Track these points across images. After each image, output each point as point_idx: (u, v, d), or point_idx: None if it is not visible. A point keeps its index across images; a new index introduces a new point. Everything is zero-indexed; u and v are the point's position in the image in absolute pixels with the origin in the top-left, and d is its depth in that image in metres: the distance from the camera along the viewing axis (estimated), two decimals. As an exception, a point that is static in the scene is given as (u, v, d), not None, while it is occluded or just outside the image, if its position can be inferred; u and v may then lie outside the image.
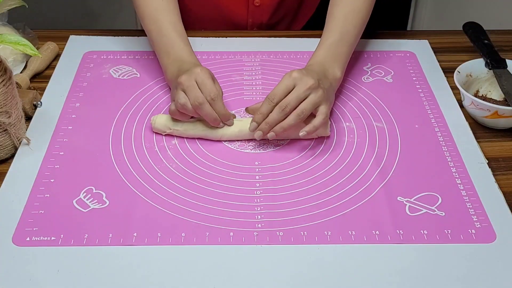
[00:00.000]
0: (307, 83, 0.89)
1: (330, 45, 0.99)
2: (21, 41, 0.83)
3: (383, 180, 0.87)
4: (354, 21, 1.02)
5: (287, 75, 0.90)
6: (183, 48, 1.01)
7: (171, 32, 1.02)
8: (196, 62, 0.99)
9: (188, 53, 1.00)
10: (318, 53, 0.99)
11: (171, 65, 0.99)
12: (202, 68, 0.93)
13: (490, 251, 0.77)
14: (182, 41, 1.02)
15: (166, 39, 1.01)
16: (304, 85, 0.89)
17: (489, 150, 0.93)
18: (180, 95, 0.91)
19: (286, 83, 0.89)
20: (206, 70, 0.93)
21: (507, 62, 1.02)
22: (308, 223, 0.81)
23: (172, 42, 1.01)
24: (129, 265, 0.75)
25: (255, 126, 0.90)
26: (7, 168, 0.88)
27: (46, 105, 1.01)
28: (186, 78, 0.91)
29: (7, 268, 0.74)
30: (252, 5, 1.22)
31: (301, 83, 0.89)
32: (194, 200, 0.84)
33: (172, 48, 1.00)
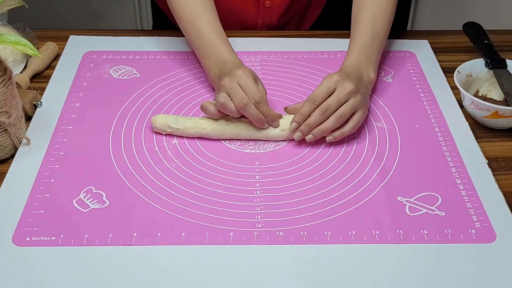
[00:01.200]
0: (347, 87, 0.90)
1: (363, 47, 1.00)
2: (21, 41, 0.83)
3: (383, 180, 0.87)
4: (382, 21, 1.03)
5: (328, 77, 0.91)
6: (223, 48, 1.01)
7: (210, 33, 1.02)
8: (238, 61, 0.99)
9: (229, 52, 1.01)
10: (352, 55, 1.00)
11: (213, 67, 0.99)
12: (244, 69, 0.93)
13: (490, 251, 0.77)
14: (222, 41, 1.02)
15: (206, 41, 1.02)
16: (344, 89, 0.90)
17: (489, 150, 0.93)
18: (221, 95, 0.91)
19: (327, 85, 0.90)
20: (248, 72, 0.92)
21: (507, 62, 1.02)
22: (308, 223, 0.81)
23: (212, 43, 1.01)
24: (129, 265, 0.75)
25: (296, 126, 0.91)
26: (7, 168, 0.88)
27: (46, 105, 1.01)
28: (228, 81, 0.91)
29: (7, 268, 0.74)
30: (263, 6, 1.22)
31: (342, 87, 0.90)
32: (194, 200, 0.84)
33: (212, 50, 1.01)
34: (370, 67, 0.99)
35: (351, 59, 0.99)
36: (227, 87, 0.91)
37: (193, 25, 1.04)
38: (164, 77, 1.08)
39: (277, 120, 0.93)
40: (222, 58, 0.99)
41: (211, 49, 1.01)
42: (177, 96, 1.04)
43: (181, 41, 1.18)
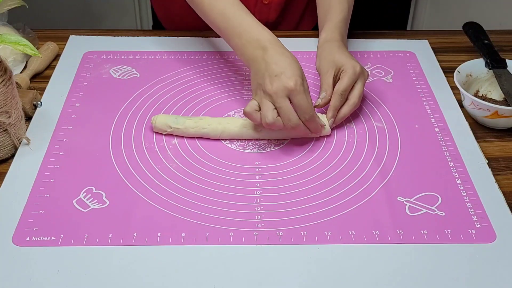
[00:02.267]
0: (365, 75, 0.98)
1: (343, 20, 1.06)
2: (21, 41, 0.83)
3: (383, 180, 0.87)
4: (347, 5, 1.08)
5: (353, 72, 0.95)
6: (253, 25, 0.95)
7: (235, 11, 0.97)
8: (275, 40, 0.93)
9: (261, 30, 0.95)
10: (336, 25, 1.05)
11: (246, 46, 0.93)
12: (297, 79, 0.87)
13: (490, 251, 0.77)
14: (250, 18, 0.96)
15: (233, 21, 0.96)
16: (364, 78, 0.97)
17: (489, 150, 0.93)
18: (269, 112, 0.87)
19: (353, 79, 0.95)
20: (300, 83, 0.87)
21: (507, 62, 1.02)
22: (308, 223, 0.81)
23: (240, 22, 0.96)
24: (129, 265, 0.75)
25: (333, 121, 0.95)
26: (7, 168, 0.89)
27: (46, 105, 1.01)
28: (276, 93, 0.86)
29: (7, 268, 0.74)
30: (261, 3, 1.21)
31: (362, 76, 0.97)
32: (194, 200, 0.84)
33: (243, 28, 0.95)
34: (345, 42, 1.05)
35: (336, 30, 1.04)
36: (275, 100, 0.86)
37: (216, 6, 0.99)
38: (164, 77, 1.08)
39: (321, 129, 0.93)
40: (256, 37, 0.93)
41: (241, 27, 0.95)
42: (177, 96, 1.04)
43: (181, 41, 1.18)
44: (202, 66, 1.11)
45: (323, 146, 0.94)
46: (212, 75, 1.09)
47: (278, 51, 0.91)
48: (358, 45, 1.18)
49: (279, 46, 0.93)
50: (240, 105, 1.02)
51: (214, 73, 1.10)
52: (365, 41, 1.19)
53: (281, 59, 0.89)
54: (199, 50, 1.16)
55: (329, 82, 0.96)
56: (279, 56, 0.90)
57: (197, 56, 1.14)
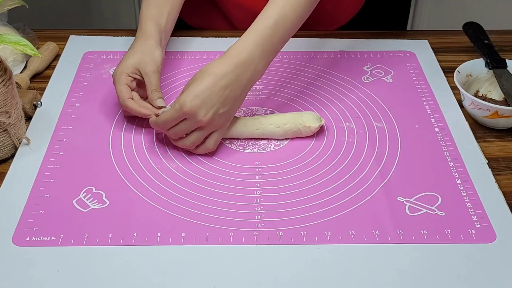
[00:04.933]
0: (196, 122, 0.86)
1: (262, 34, 0.88)
2: (21, 41, 0.83)
3: (383, 180, 0.87)
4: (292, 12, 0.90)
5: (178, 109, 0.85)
6: (149, 16, 1.01)
7: (151, 20, 1.01)
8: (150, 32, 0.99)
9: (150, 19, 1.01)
10: (245, 41, 0.88)
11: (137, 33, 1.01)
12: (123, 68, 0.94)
13: (490, 251, 0.77)
14: (155, 29, 1.00)
15: (143, 25, 1.01)
16: (193, 123, 0.86)
17: (489, 150, 0.93)
18: None
19: (176, 116, 0.86)
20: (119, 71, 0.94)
21: (507, 62, 1.02)
22: (308, 223, 0.81)
23: (147, 28, 1.00)
24: (129, 265, 0.75)
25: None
26: (7, 168, 0.88)
27: (46, 105, 1.01)
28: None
29: (7, 268, 0.74)
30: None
31: (191, 120, 0.86)
32: (194, 200, 0.84)
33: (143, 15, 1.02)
34: (262, 63, 0.88)
35: (242, 45, 0.87)
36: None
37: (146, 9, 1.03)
38: (164, 77, 1.08)
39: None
40: (141, 25, 1.01)
41: (143, 15, 1.02)
42: (177, 96, 1.03)
43: (181, 41, 1.18)
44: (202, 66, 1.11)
45: (323, 146, 0.94)
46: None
47: (138, 41, 0.98)
48: (358, 45, 1.18)
49: (144, 38, 0.98)
50: (240, 105, 1.02)
51: (214, 73, 1.10)
52: (365, 41, 1.19)
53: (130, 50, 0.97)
54: (199, 50, 1.16)
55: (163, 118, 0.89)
56: (141, 43, 0.97)
57: (197, 56, 1.14)
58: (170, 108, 0.87)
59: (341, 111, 1.01)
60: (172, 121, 0.86)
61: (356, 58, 1.14)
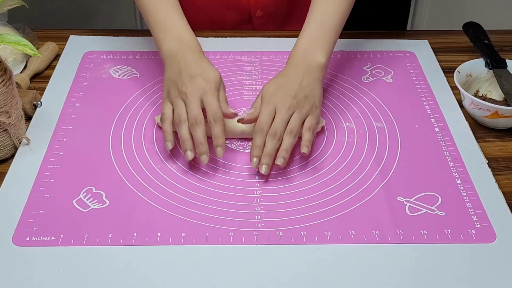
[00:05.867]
0: (285, 104, 0.87)
1: (312, 31, 0.96)
2: (21, 41, 0.83)
3: (383, 180, 0.87)
4: (339, 2, 0.97)
5: (266, 102, 0.88)
6: (180, 23, 0.98)
7: (167, 8, 0.99)
8: (196, 42, 0.97)
9: (186, 29, 0.98)
10: (300, 40, 0.96)
11: (168, 42, 0.96)
12: (213, 82, 0.89)
13: (490, 251, 0.77)
14: (180, 17, 0.99)
15: (161, 16, 0.99)
16: (284, 107, 0.87)
17: (489, 150, 0.93)
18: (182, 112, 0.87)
19: (267, 111, 0.88)
20: (213, 86, 0.89)
21: (507, 62, 1.02)
22: (308, 223, 0.81)
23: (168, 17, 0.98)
24: (129, 265, 0.75)
25: (257, 161, 0.86)
26: (7, 168, 0.89)
27: (46, 105, 1.01)
28: (193, 93, 0.88)
29: (7, 268, 0.74)
30: (254, 16, 1.21)
31: (281, 105, 0.88)
32: (194, 200, 0.84)
33: (170, 24, 0.98)
34: (319, 52, 0.94)
35: (298, 46, 0.95)
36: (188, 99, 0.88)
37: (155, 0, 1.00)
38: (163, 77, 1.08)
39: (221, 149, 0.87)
40: (179, 35, 0.96)
41: (168, 23, 0.98)
42: (177, 96, 1.04)
43: (181, 41, 1.18)
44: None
45: (323, 146, 0.94)
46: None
47: (197, 53, 0.95)
48: (358, 45, 1.18)
49: (199, 49, 0.96)
50: (239, 105, 1.02)
51: (214, 73, 1.10)
52: (365, 41, 1.19)
53: (200, 62, 0.93)
54: (199, 50, 1.15)
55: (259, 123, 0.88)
56: (198, 58, 0.93)
57: (197, 56, 1.14)
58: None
59: (341, 111, 1.01)
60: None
61: (356, 58, 1.14)
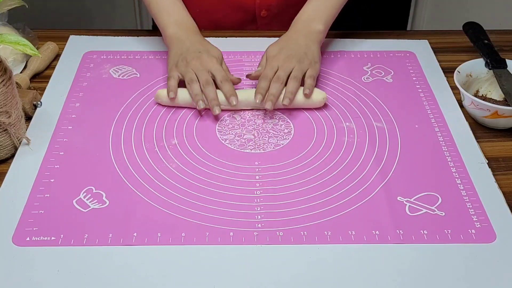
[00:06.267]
0: (287, 59, 1.01)
1: (316, 2, 1.10)
2: (21, 41, 0.83)
3: (383, 180, 0.87)
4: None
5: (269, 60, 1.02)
6: (182, 11, 1.11)
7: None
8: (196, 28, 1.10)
9: (188, 16, 1.11)
10: (304, 10, 1.10)
11: (172, 26, 1.08)
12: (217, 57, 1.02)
13: (490, 251, 0.77)
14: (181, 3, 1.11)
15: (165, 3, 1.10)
16: (286, 62, 1.00)
17: (489, 150, 0.93)
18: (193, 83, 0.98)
19: (271, 66, 1.00)
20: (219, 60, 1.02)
21: (507, 62, 1.02)
22: (308, 223, 0.81)
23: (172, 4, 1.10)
24: (129, 265, 0.75)
25: (261, 98, 0.97)
26: (7, 168, 0.89)
27: (46, 105, 1.01)
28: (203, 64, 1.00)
29: (7, 268, 0.74)
30: (259, 16, 1.22)
31: (283, 61, 1.00)
32: (194, 200, 0.84)
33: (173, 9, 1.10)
34: (319, 20, 1.08)
35: (301, 15, 1.10)
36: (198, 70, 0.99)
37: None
38: (164, 77, 1.08)
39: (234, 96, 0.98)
40: (182, 19, 1.10)
41: (172, 9, 1.10)
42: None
43: (181, 41, 1.18)
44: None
45: (323, 146, 0.94)
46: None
47: (199, 35, 1.09)
48: (358, 45, 1.18)
49: (199, 33, 1.10)
50: (240, 105, 1.02)
51: (214, 73, 1.10)
52: (365, 41, 1.19)
53: (204, 42, 1.07)
54: (199, 50, 1.15)
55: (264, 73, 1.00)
56: (201, 39, 1.07)
57: (197, 56, 1.14)
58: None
59: (341, 111, 1.01)
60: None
61: (356, 58, 1.14)
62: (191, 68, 1.00)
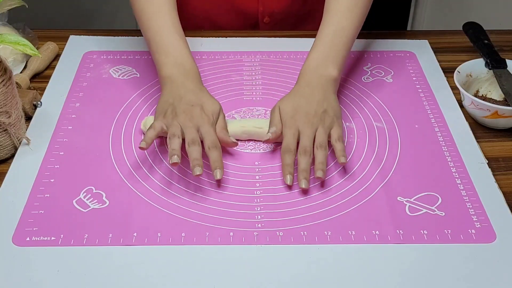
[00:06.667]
0: (308, 123, 0.89)
1: (323, 45, 0.97)
2: (21, 41, 0.83)
3: (383, 180, 0.87)
4: (351, 17, 0.99)
5: (288, 125, 0.89)
6: (184, 51, 0.98)
7: (173, 33, 0.99)
8: (197, 70, 0.97)
9: (188, 56, 0.98)
10: (311, 55, 0.98)
11: (169, 65, 0.96)
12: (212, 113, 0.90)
13: (490, 251, 0.77)
14: (183, 44, 0.99)
15: (167, 39, 0.98)
16: (307, 126, 0.88)
17: (489, 150, 0.93)
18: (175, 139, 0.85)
19: (291, 133, 0.88)
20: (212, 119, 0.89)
21: (507, 62, 1.02)
22: (308, 223, 0.81)
23: (173, 42, 0.98)
24: (129, 265, 0.75)
25: (291, 177, 0.85)
26: (7, 168, 0.89)
27: (46, 105, 1.01)
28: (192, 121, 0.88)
29: (7, 268, 0.74)
30: (262, 22, 1.22)
31: (304, 126, 0.89)
32: (194, 200, 0.84)
33: (173, 49, 0.97)
34: (331, 65, 0.95)
35: (310, 61, 0.97)
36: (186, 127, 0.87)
37: (156, 20, 1.00)
38: (164, 77, 1.08)
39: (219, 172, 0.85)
40: (181, 61, 0.96)
41: (172, 48, 0.97)
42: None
43: (181, 41, 1.18)
44: (202, 66, 1.11)
45: (323, 146, 0.93)
46: (212, 75, 1.09)
47: (198, 83, 0.95)
48: (358, 45, 1.18)
49: (199, 79, 0.96)
50: (239, 106, 1.02)
51: (214, 73, 1.10)
52: (365, 41, 1.19)
53: (201, 93, 0.93)
54: (199, 50, 1.16)
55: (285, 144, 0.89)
56: (199, 89, 0.94)
57: (197, 56, 1.14)
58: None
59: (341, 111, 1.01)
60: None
61: (356, 58, 1.14)
62: (179, 122, 0.88)
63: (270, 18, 1.23)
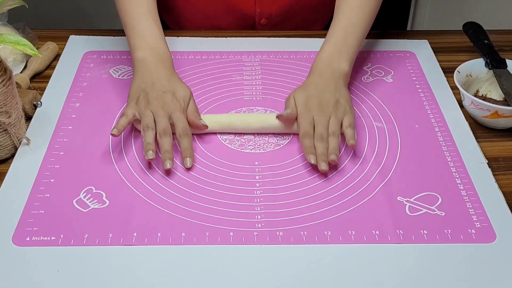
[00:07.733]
0: (322, 113, 0.91)
1: (336, 40, 1.00)
2: (21, 41, 0.83)
3: (383, 180, 0.87)
4: (361, 14, 1.02)
5: (303, 114, 0.92)
6: (159, 36, 1.01)
7: (148, 18, 1.02)
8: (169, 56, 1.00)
9: (163, 43, 1.01)
10: (324, 48, 1.00)
11: (144, 49, 0.99)
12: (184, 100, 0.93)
13: (490, 251, 0.77)
14: (158, 29, 1.02)
15: (140, 24, 1.02)
16: (321, 116, 0.91)
17: (489, 150, 0.93)
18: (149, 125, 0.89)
19: (307, 120, 0.91)
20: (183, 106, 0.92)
21: (507, 62, 1.02)
22: (308, 223, 0.81)
23: (149, 27, 1.01)
24: (129, 265, 0.75)
25: (314, 157, 0.87)
26: (7, 168, 0.89)
27: (46, 105, 1.01)
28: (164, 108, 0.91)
29: (7, 268, 0.74)
30: (259, 23, 1.22)
31: (318, 115, 0.91)
32: (194, 200, 0.84)
33: (149, 34, 1.01)
34: (342, 59, 0.98)
35: (323, 53, 1.00)
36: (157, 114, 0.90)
37: (134, 5, 1.03)
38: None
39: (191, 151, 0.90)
40: (155, 45, 1.00)
41: (147, 33, 1.01)
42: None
43: (181, 41, 1.18)
44: (202, 66, 1.11)
45: (323, 146, 0.93)
46: (212, 75, 1.09)
47: (170, 69, 0.98)
48: (358, 45, 1.17)
49: (171, 64, 0.99)
50: (239, 106, 1.02)
51: (214, 73, 1.10)
52: (365, 41, 1.18)
53: (173, 79, 0.96)
54: (199, 50, 1.16)
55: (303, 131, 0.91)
56: (171, 74, 0.97)
57: (197, 56, 1.14)
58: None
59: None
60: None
61: (356, 58, 1.14)
62: (151, 109, 0.91)
63: (267, 19, 1.23)
